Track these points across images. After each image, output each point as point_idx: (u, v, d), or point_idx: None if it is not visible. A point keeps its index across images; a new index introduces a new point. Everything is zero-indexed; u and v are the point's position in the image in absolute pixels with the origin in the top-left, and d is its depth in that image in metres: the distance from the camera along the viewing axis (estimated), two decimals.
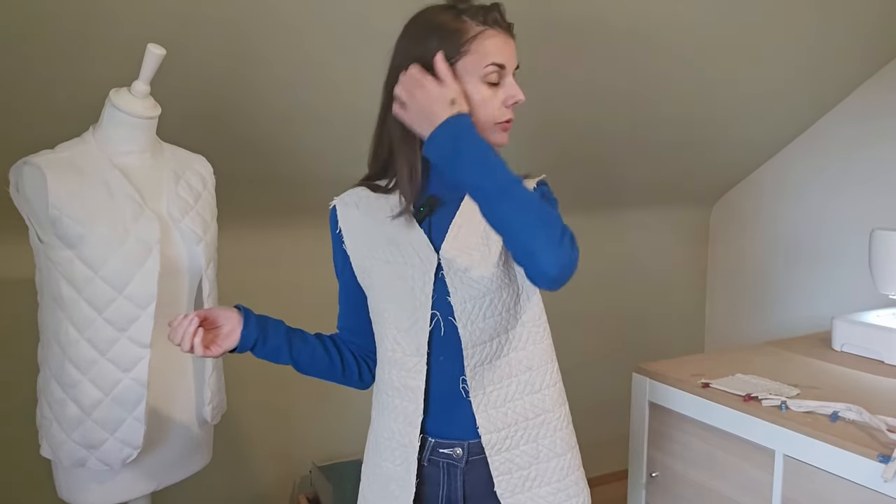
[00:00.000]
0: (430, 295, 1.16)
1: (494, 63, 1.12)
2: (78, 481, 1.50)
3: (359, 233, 1.23)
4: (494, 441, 1.18)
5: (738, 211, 3.12)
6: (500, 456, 1.18)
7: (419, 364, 1.17)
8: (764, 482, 1.57)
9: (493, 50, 1.12)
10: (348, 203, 1.25)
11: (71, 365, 1.42)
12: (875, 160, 2.53)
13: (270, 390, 2.43)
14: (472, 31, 1.12)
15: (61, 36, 1.56)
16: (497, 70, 1.13)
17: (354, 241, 1.23)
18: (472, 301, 1.15)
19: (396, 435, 1.21)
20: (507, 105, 1.15)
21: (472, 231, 1.18)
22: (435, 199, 1.20)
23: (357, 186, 1.26)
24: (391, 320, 1.19)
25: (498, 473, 1.18)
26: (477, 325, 1.16)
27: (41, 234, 1.42)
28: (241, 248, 2.27)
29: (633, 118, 2.47)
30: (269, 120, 1.99)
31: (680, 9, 2.02)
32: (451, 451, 1.19)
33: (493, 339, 1.18)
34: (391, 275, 1.18)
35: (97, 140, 1.47)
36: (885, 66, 2.50)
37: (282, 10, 1.67)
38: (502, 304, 1.18)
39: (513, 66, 1.15)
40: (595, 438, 3.04)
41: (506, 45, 1.14)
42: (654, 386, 1.84)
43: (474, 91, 1.13)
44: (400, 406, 1.20)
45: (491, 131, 1.15)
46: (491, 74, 1.13)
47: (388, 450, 1.22)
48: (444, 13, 1.14)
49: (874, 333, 1.93)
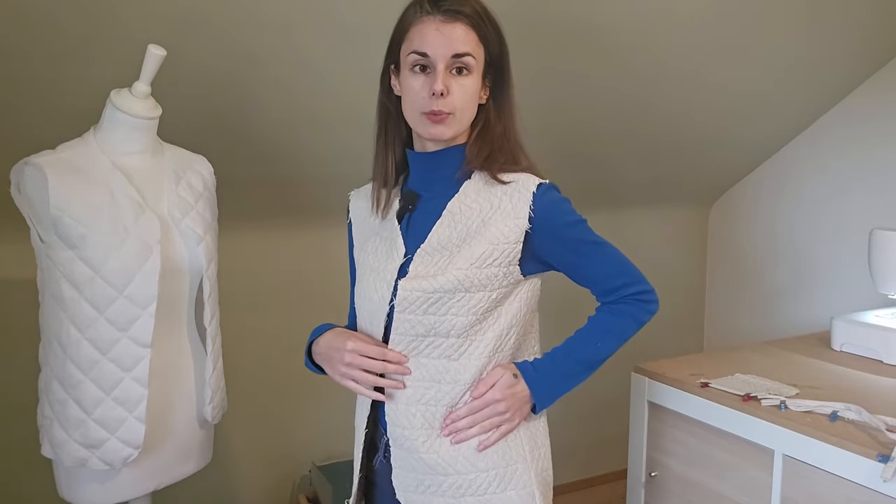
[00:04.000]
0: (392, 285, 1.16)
1: (415, 52, 1.11)
2: (79, 481, 1.51)
3: (360, 224, 1.30)
4: (396, 436, 1.18)
5: (737, 211, 3.13)
6: (400, 452, 1.18)
7: None
8: (763, 482, 1.57)
9: (416, 38, 1.11)
10: (360, 195, 1.32)
11: (72, 365, 1.42)
12: (874, 160, 2.53)
13: (271, 390, 2.43)
14: (409, 21, 1.13)
15: (62, 36, 1.56)
16: (420, 58, 1.11)
17: (356, 232, 1.31)
18: (417, 292, 1.12)
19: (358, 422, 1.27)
20: (429, 96, 1.11)
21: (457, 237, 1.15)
22: (413, 195, 1.21)
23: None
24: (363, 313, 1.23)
25: (397, 467, 1.19)
26: (414, 315, 1.13)
27: (42, 235, 1.42)
28: (241, 248, 2.27)
29: (631, 118, 2.47)
30: (269, 120, 1.99)
31: (679, 8, 2.02)
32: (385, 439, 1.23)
33: (425, 337, 1.14)
34: (367, 267, 1.23)
35: (98, 140, 1.48)
36: (884, 66, 2.50)
37: (281, 11, 1.68)
38: (447, 308, 1.12)
39: (445, 55, 1.10)
40: (594, 438, 3.05)
41: (435, 33, 1.10)
42: (653, 385, 1.84)
43: (404, 80, 1.14)
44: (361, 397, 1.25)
45: (420, 122, 1.14)
46: (414, 64, 1.11)
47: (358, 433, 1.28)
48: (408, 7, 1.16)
49: (874, 333, 1.94)
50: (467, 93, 1.13)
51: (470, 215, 1.15)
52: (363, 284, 1.22)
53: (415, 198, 1.21)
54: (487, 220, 1.14)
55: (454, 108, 1.12)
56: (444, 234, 1.15)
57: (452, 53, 1.10)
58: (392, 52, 1.17)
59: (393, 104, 1.20)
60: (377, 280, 1.19)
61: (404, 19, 1.15)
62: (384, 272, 1.18)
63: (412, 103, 1.13)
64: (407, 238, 1.19)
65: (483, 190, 1.17)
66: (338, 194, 2.18)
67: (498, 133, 1.19)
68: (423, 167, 1.21)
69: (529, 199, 1.14)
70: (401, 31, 1.14)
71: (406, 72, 1.12)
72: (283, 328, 2.42)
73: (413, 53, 1.10)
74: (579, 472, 2.97)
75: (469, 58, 1.11)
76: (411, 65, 1.11)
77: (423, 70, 1.11)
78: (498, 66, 1.18)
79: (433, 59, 1.10)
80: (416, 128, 1.15)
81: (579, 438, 2.95)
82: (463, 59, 1.11)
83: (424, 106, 1.11)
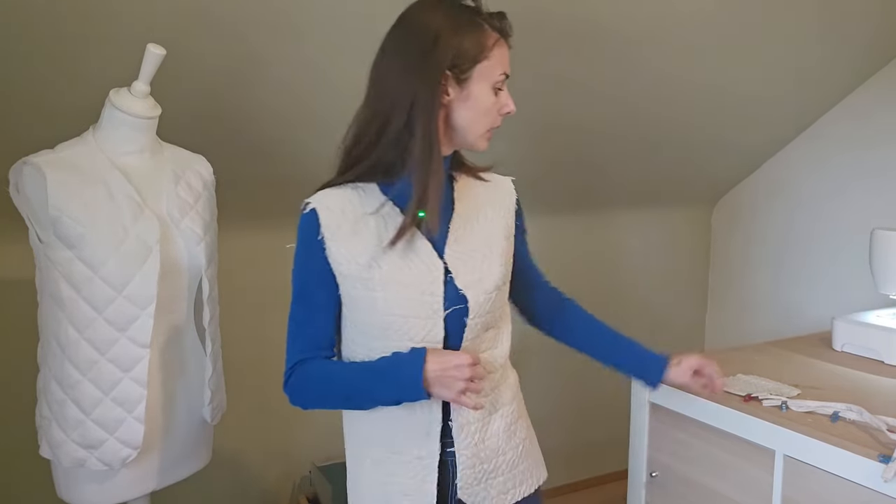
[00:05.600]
0: (442, 303, 1.14)
1: (505, 73, 1.17)
2: (77, 481, 1.50)
3: (347, 239, 1.14)
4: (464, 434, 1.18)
5: (738, 211, 3.12)
6: (468, 451, 1.19)
7: None
8: (764, 482, 1.57)
9: (504, 60, 1.17)
10: (331, 207, 1.16)
11: (71, 365, 1.42)
12: (875, 160, 2.53)
13: (270, 390, 2.42)
14: (493, 38, 1.15)
15: (61, 36, 1.56)
16: (504, 79, 1.17)
17: (343, 249, 1.14)
18: (485, 296, 1.18)
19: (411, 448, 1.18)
20: (501, 113, 1.18)
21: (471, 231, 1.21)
22: None
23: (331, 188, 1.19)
24: (402, 332, 1.14)
25: (462, 467, 1.18)
26: (482, 318, 1.18)
27: (41, 235, 1.42)
28: (241, 248, 2.27)
29: (633, 119, 2.47)
30: (269, 120, 1.99)
31: (680, 10, 2.02)
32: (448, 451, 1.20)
33: (487, 330, 1.21)
34: (397, 285, 1.13)
35: (97, 140, 1.47)
36: (885, 66, 2.49)
37: (281, 10, 1.67)
38: (499, 299, 1.22)
39: None
40: (595, 438, 3.05)
41: (508, 58, 1.18)
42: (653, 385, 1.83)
43: (484, 97, 1.15)
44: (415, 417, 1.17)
45: (482, 137, 1.18)
46: (500, 83, 1.16)
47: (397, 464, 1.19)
48: (471, 13, 1.15)
49: (874, 333, 1.93)
50: None
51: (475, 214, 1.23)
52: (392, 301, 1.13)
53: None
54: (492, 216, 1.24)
55: None
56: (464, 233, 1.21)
57: None
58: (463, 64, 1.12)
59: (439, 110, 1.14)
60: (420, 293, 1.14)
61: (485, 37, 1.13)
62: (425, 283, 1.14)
63: (484, 117, 1.16)
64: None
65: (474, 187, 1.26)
66: None
67: None
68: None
69: (514, 196, 1.29)
70: (483, 47, 1.13)
71: (487, 87, 1.15)
72: (283, 328, 2.41)
73: (503, 75, 1.16)
74: (580, 473, 2.97)
75: None
76: (495, 83, 1.16)
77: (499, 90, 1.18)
78: None
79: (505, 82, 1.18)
80: (474, 141, 1.18)
81: (580, 438, 2.95)
82: None
83: (495, 122, 1.18)
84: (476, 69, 1.13)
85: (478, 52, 1.13)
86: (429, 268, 1.14)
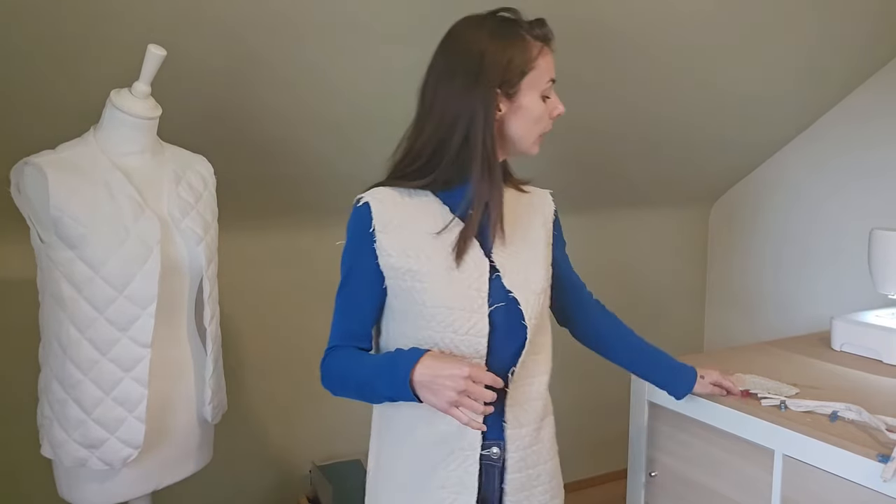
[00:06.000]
0: (486, 299, 1.18)
1: (552, 79, 1.20)
2: (78, 481, 1.51)
3: (398, 233, 1.18)
4: (516, 437, 1.21)
5: (737, 210, 3.13)
6: (517, 454, 1.21)
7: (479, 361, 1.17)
8: (763, 482, 1.57)
9: (550, 66, 1.20)
10: (384, 201, 1.19)
11: (72, 365, 1.42)
12: (874, 160, 2.53)
13: (270, 390, 2.43)
14: (536, 48, 1.18)
15: (63, 36, 1.56)
16: (551, 85, 1.21)
17: (395, 241, 1.18)
18: (534, 296, 1.21)
19: (450, 439, 1.18)
20: (552, 117, 1.22)
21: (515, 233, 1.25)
22: None
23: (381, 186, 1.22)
24: (445, 323, 1.16)
25: (511, 471, 1.21)
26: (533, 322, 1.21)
27: (42, 235, 1.42)
28: (241, 248, 2.27)
29: (632, 119, 2.47)
30: (270, 120, 1.99)
31: (679, 10, 2.02)
32: (489, 452, 1.20)
33: (536, 336, 1.23)
34: (443, 278, 1.17)
35: (98, 140, 1.48)
36: (885, 66, 2.50)
37: (282, 11, 1.68)
38: (544, 305, 1.25)
39: None
40: (594, 438, 3.05)
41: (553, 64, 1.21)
42: (652, 386, 1.83)
43: (534, 106, 1.19)
44: None
45: (535, 142, 1.23)
46: (548, 90, 1.20)
47: (438, 455, 1.19)
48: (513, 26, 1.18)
49: (873, 333, 1.94)
50: None
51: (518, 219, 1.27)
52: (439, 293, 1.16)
53: None
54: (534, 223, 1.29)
55: None
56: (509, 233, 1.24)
57: None
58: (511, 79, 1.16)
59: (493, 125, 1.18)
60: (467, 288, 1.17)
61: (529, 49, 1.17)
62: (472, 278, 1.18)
63: (535, 125, 1.21)
64: None
65: (515, 198, 1.29)
66: (339, 194, 2.19)
67: None
68: None
69: (553, 206, 1.35)
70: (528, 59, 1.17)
71: (536, 97, 1.19)
72: (284, 328, 2.42)
73: (551, 81, 1.20)
74: (579, 472, 2.97)
75: None
76: (545, 91, 1.20)
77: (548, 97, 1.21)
78: None
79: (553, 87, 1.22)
80: (528, 147, 1.23)
81: (579, 438, 2.95)
82: None
83: (546, 127, 1.23)
84: (524, 81, 1.18)
85: (524, 64, 1.17)
86: (476, 264, 1.19)
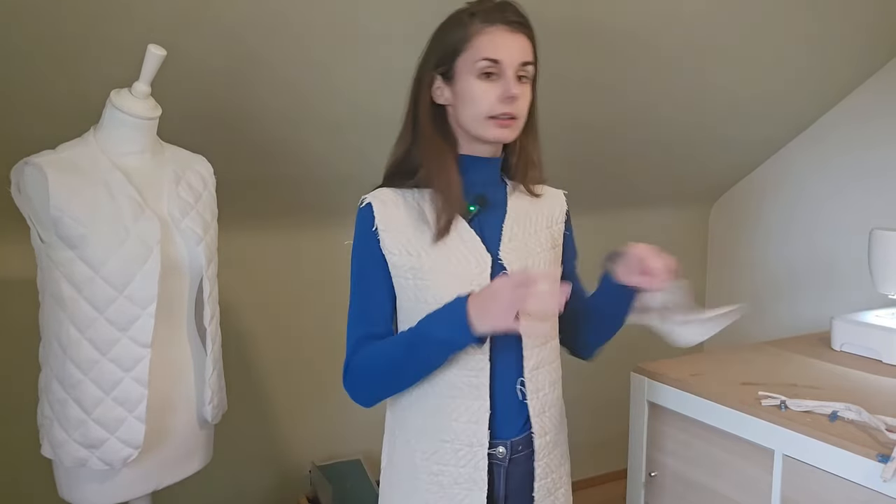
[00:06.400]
0: None
1: (486, 58, 1.14)
2: (78, 481, 1.51)
3: (400, 231, 1.19)
4: (542, 445, 1.22)
5: (737, 210, 3.13)
6: (544, 461, 1.23)
7: (482, 362, 1.17)
8: (763, 482, 1.57)
9: (485, 46, 1.15)
10: (385, 201, 1.21)
11: (72, 365, 1.42)
12: (875, 160, 2.53)
13: (271, 390, 2.43)
14: (473, 26, 1.15)
15: (63, 36, 1.56)
16: (491, 65, 1.14)
17: (396, 240, 1.19)
18: None
19: (461, 435, 1.19)
20: (501, 99, 1.15)
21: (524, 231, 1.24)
22: (484, 198, 1.23)
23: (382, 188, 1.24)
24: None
25: (539, 479, 1.23)
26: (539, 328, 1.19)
27: (43, 235, 1.42)
28: (241, 248, 2.27)
29: (632, 119, 2.47)
30: (270, 121, 1.99)
31: (680, 10, 2.02)
32: (495, 451, 1.20)
33: (547, 343, 1.23)
34: (445, 276, 1.17)
35: (98, 140, 1.48)
36: (884, 65, 2.50)
37: (282, 11, 1.68)
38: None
39: (514, 62, 1.15)
40: (594, 438, 3.05)
41: (506, 41, 1.15)
42: (653, 385, 1.84)
43: (470, 87, 1.16)
44: (464, 405, 1.18)
45: (483, 126, 1.17)
46: (484, 70, 1.15)
47: (448, 452, 1.19)
48: (459, 15, 1.18)
49: (873, 333, 1.94)
50: (527, 100, 1.20)
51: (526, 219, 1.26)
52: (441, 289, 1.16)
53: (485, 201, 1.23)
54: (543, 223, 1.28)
55: (520, 112, 1.18)
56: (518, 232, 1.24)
57: (521, 61, 1.16)
58: (444, 61, 1.18)
59: (438, 112, 1.21)
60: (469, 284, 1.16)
61: (464, 29, 1.16)
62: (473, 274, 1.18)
63: (477, 108, 1.16)
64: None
65: (527, 200, 1.29)
66: (339, 194, 2.19)
67: (533, 146, 1.27)
68: (480, 173, 1.24)
69: (565, 207, 1.34)
70: (460, 41, 1.16)
71: (470, 78, 1.15)
72: (284, 328, 2.42)
73: (484, 60, 1.14)
74: (579, 472, 2.96)
75: (531, 66, 1.19)
76: (480, 71, 1.15)
77: (488, 77, 1.15)
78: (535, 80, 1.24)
79: (504, 66, 1.14)
80: (479, 131, 1.18)
81: (579, 438, 2.93)
82: (527, 68, 1.17)
83: (493, 109, 1.15)
84: (457, 63, 1.16)
85: (457, 45, 1.16)
86: (477, 260, 1.19)
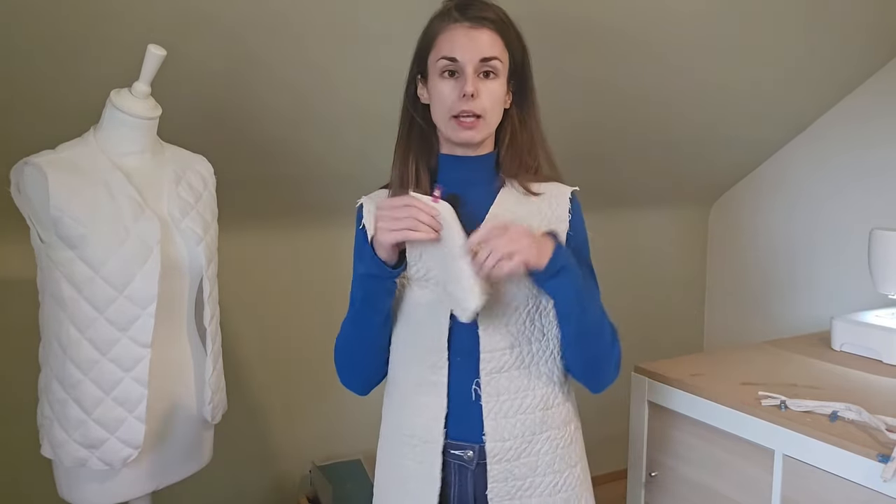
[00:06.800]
0: None
1: (444, 57, 1.14)
2: (78, 481, 1.50)
3: None
4: (497, 450, 1.18)
5: (736, 210, 3.13)
6: (500, 465, 1.18)
7: (440, 360, 1.17)
8: (763, 482, 1.57)
9: (444, 45, 1.15)
10: (373, 202, 1.24)
11: (72, 365, 1.42)
12: (874, 159, 2.53)
13: (271, 390, 2.43)
14: (436, 26, 1.16)
15: (63, 36, 1.56)
16: (450, 63, 1.14)
17: None
18: (497, 306, 1.16)
19: (419, 431, 1.20)
20: (459, 97, 1.14)
21: None
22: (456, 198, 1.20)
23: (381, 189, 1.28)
24: (414, 315, 1.19)
25: (493, 481, 1.18)
26: (498, 331, 1.16)
27: (42, 235, 1.42)
28: (241, 248, 2.27)
29: (632, 118, 2.47)
30: (270, 121, 1.99)
31: (679, 9, 2.02)
32: (462, 453, 1.19)
33: (513, 348, 1.18)
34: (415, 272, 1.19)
35: (98, 140, 1.48)
36: (884, 65, 2.50)
37: (282, 11, 1.68)
38: (527, 314, 1.18)
39: (472, 59, 1.13)
40: (594, 438, 3.03)
41: (464, 39, 1.14)
42: (653, 385, 1.84)
43: (436, 87, 1.16)
44: (423, 402, 1.19)
45: (450, 126, 1.16)
46: (444, 69, 1.15)
47: (407, 447, 1.21)
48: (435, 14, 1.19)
49: (873, 333, 1.94)
50: (494, 96, 1.16)
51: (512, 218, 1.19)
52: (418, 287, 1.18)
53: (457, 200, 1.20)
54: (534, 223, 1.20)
55: (483, 109, 1.15)
56: None
57: (480, 57, 1.14)
58: (419, 62, 1.20)
59: (419, 113, 1.22)
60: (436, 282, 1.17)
61: (431, 28, 1.18)
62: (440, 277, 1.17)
63: (441, 107, 1.16)
64: None
65: (521, 199, 1.23)
66: (339, 194, 2.19)
67: (525, 141, 1.24)
68: (458, 172, 1.23)
69: (568, 205, 1.25)
70: (428, 40, 1.18)
71: (435, 78, 1.16)
72: (284, 328, 2.42)
73: (442, 59, 1.14)
74: None
75: (496, 61, 1.15)
76: (441, 70, 1.15)
77: (451, 75, 1.15)
78: (521, 72, 1.22)
79: (462, 63, 1.14)
80: (447, 132, 1.18)
81: None
82: (490, 63, 1.15)
83: (454, 108, 1.14)
84: (428, 63, 1.18)
85: (427, 45, 1.18)
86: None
